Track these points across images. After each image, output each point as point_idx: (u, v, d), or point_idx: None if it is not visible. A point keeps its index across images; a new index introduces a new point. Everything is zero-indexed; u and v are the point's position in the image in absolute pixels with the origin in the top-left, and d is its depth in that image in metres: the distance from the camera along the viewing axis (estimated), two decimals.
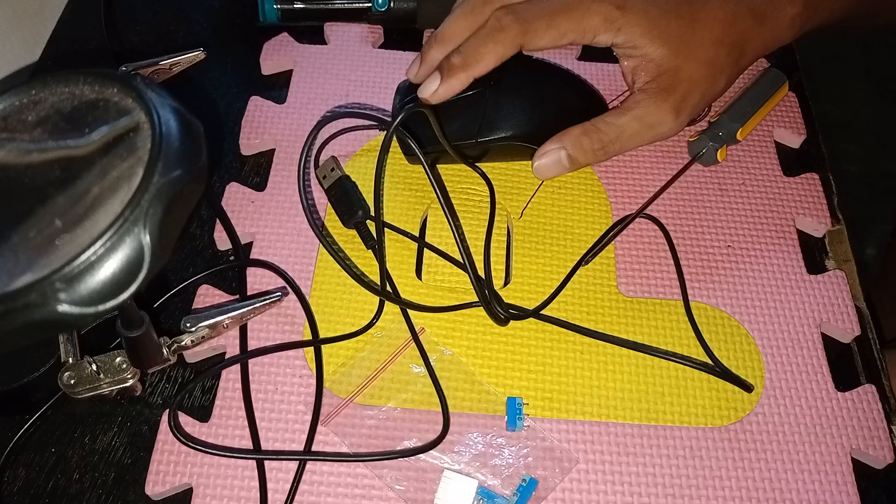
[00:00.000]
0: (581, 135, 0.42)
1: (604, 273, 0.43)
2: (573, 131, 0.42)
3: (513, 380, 0.39)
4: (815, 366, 0.40)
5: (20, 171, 0.26)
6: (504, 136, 0.44)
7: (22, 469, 0.36)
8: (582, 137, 0.42)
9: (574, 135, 0.42)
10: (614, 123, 0.42)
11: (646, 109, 0.42)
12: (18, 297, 0.23)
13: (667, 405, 0.38)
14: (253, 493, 0.35)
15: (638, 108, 0.42)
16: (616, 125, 0.42)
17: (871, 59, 0.83)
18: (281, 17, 0.52)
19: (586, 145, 0.42)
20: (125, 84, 0.27)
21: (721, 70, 0.43)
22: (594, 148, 0.42)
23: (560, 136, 0.42)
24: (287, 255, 0.43)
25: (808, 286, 0.43)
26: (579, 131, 0.42)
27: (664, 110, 0.42)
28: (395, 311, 0.41)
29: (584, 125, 0.42)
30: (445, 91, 0.40)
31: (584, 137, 0.42)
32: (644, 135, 0.42)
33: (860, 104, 0.83)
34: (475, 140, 0.44)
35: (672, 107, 0.42)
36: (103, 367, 0.36)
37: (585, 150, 0.42)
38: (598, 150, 0.42)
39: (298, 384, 0.38)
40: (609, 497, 0.36)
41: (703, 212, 0.46)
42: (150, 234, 0.24)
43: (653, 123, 0.42)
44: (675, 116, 0.42)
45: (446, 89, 0.40)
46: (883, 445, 0.38)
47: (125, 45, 0.53)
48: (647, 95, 0.42)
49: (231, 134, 0.48)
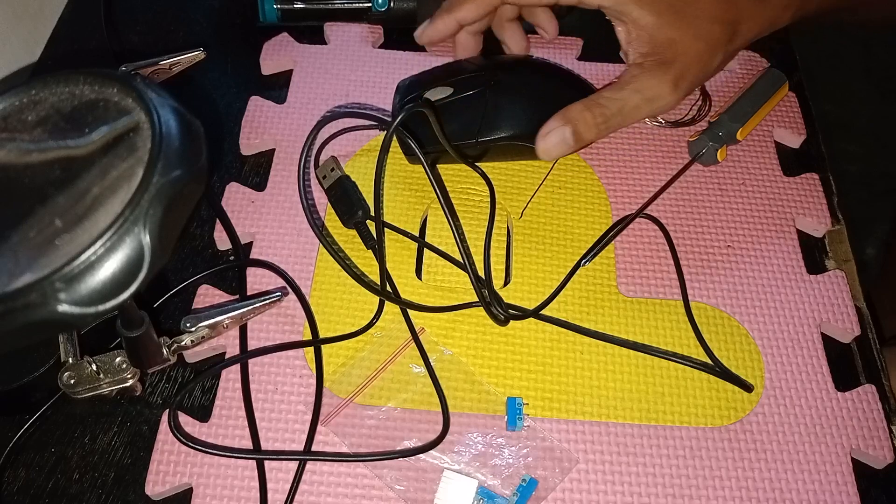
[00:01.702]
0: (583, 110, 0.42)
1: (604, 273, 0.43)
2: (574, 108, 0.42)
3: (513, 380, 0.39)
4: (815, 366, 0.40)
5: (20, 171, 0.26)
6: (504, 135, 0.44)
7: (22, 469, 0.36)
8: (584, 112, 0.41)
9: (576, 110, 0.42)
10: (614, 97, 0.42)
11: (645, 83, 0.42)
12: (18, 297, 0.23)
13: (667, 405, 0.38)
14: (253, 492, 0.35)
15: (637, 82, 0.42)
16: (617, 99, 0.42)
17: (871, 59, 0.82)
18: (281, 17, 0.52)
19: (589, 120, 0.41)
20: (125, 84, 0.27)
21: (716, 47, 0.43)
22: (597, 122, 0.42)
23: (562, 114, 0.42)
24: (287, 255, 0.43)
25: (808, 286, 0.43)
26: (581, 107, 0.42)
27: (663, 83, 0.42)
28: (395, 311, 0.41)
29: (585, 101, 0.42)
30: (431, 31, 0.44)
31: (586, 112, 0.41)
32: (643, 109, 0.42)
33: (860, 104, 0.83)
34: (476, 140, 0.44)
35: (671, 80, 0.42)
36: (103, 367, 0.36)
37: (589, 125, 0.42)
38: (601, 125, 0.42)
39: (298, 384, 0.38)
40: (609, 497, 0.36)
41: (703, 212, 0.46)
42: (150, 234, 0.24)
43: (652, 97, 0.42)
44: (673, 90, 0.42)
45: (432, 30, 0.44)
46: (883, 445, 0.38)
47: (125, 45, 0.53)
48: (643, 70, 0.42)
49: (231, 134, 0.48)
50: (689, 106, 0.50)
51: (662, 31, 0.41)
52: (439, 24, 0.44)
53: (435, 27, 0.44)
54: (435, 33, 0.44)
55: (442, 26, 0.44)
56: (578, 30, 0.53)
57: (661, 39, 0.41)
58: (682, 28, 0.41)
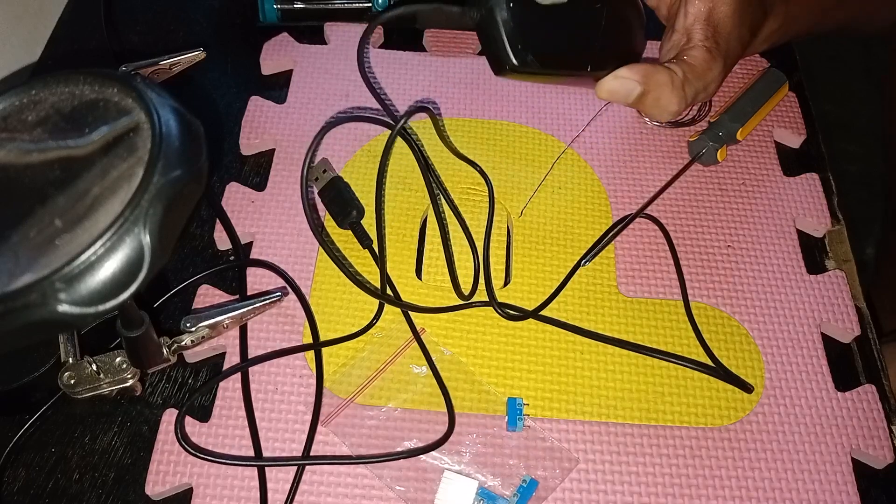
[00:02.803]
0: (666, 85, 0.41)
1: (604, 273, 0.43)
2: (660, 76, 0.41)
3: (513, 380, 0.39)
4: (815, 366, 0.40)
5: (20, 171, 0.26)
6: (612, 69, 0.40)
7: (22, 469, 0.36)
8: (665, 89, 0.41)
9: (660, 82, 0.41)
10: (696, 86, 0.42)
11: (713, 74, 0.43)
12: (18, 297, 0.23)
13: (667, 405, 0.38)
14: (253, 493, 0.35)
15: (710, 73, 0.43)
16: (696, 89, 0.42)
17: (871, 59, 0.82)
18: (281, 17, 0.52)
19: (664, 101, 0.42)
20: (125, 84, 0.27)
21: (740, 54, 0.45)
22: (670, 108, 0.42)
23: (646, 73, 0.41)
24: (287, 254, 0.43)
25: (808, 286, 0.43)
26: (665, 79, 0.41)
27: (721, 76, 0.44)
28: (396, 311, 0.41)
29: (673, 77, 0.41)
30: None
31: (667, 91, 0.41)
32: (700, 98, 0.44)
33: (860, 104, 0.83)
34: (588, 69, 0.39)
35: (722, 74, 0.44)
36: (103, 367, 0.36)
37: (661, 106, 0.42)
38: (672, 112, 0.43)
39: (298, 384, 0.38)
40: (609, 497, 0.36)
41: (703, 212, 0.46)
42: (150, 234, 0.24)
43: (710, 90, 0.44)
44: (718, 85, 0.44)
45: None
46: (883, 445, 0.38)
47: (125, 45, 0.53)
48: (712, 57, 0.42)
49: (231, 134, 0.48)
50: None
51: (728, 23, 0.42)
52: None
53: None
54: None
55: None
56: None
57: (723, 31, 0.43)
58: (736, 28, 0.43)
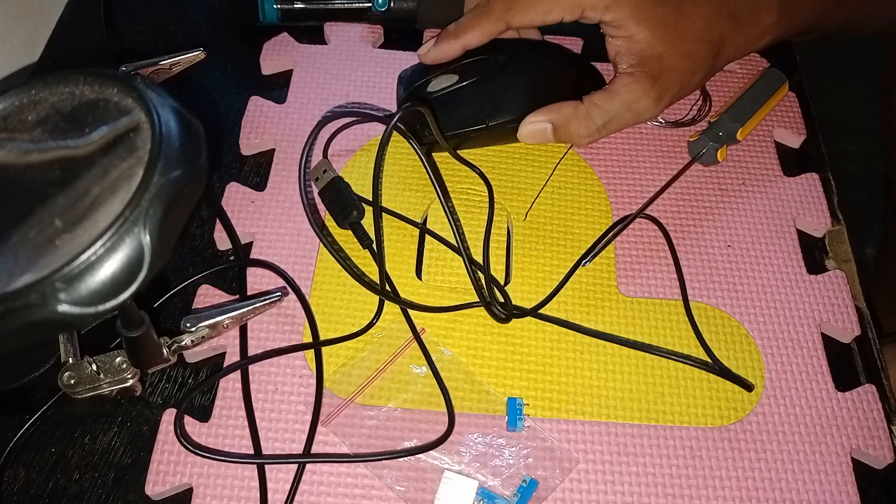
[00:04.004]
0: (571, 115, 0.43)
1: (604, 273, 0.43)
2: (565, 109, 0.43)
3: (513, 380, 0.39)
4: (815, 366, 0.40)
5: (20, 171, 0.26)
6: (514, 118, 0.44)
7: (22, 469, 0.36)
8: (572, 119, 0.43)
9: (565, 114, 0.43)
10: (604, 109, 0.43)
11: (634, 95, 0.43)
12: (18, 297, 0.23)
13: (667, 405, 0.38)
14: (253, 493, 0.35)
15: (628, 94, 0.43)
16: (607, 111, 0.43)
17: (871, 59, 0.83)
18: (281, 17, 0.52)
19: (574, 129, 0.43)
20: (125, 84, 0.27)
21: (699, 64, 0.44)
22: (580, 134, 0.43)
23: (553, 111, 0.43)
24: (287, 255, 0.43)
25: (808, 286, 0.43)
26: (571, 111, 0.43)
27: (650, 97, 0.43)
28: (396, 311, 0.41)
29: (577, 107, 0.43)
30: (435, 53, 0.45)
31: (573, 120, 0.43)
32: (629, 120, 0.44)
33: (860, 104, 0.83)
34: (486, 125, 0.44)
35: (656, 94, 0.43)
36: (103, 367, 0.36)
37: (571, 134, 0.43)
38: (583, 137, 0.44)
39: (298, 384, 0.38)
40: (609, 497, 0.36)
41: (703, 212, 0.46)
42: (150, 234, 0.24)
43: (638, 110, 0.43)
44: (656, 104, 0.43)
45: (436, 52, 0.45)
46: (883, 445, 0.38)
47: (125, 45, 0.53)
48: (634, 80, 0.43)
49: (231, 134, 0.48)
50: (689, 106, 0.50)
51: (654, 47, 0.42)
52: (445, 47, 0.45)
53: (441, 50, 0.45)
54: (440, 55, 0.45)
55: (447, 49, 0.45)
56: (579, 30, 0.53)
57: (651, 54, 0.42)
58: (672, 45, 0.43)
